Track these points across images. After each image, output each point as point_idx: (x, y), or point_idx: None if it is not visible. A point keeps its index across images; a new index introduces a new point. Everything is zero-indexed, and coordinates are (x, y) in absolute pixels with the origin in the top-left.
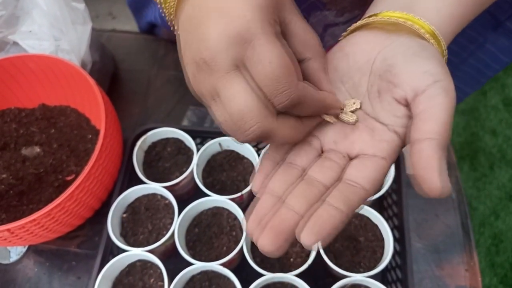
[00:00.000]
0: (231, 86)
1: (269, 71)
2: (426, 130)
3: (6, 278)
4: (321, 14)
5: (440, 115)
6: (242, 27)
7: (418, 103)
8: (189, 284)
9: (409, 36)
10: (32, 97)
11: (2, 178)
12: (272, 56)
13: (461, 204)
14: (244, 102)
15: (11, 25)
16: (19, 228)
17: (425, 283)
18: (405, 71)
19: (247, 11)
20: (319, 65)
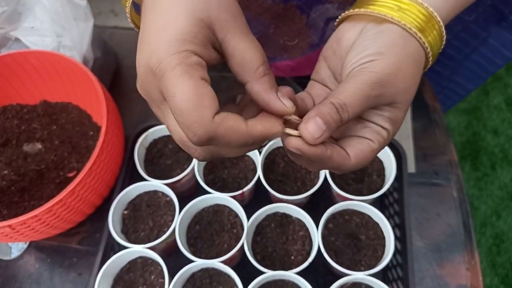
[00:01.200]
0: (164, 118)
1: (173, 105)
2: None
3: (7, 274)
4: (323, 7)
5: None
6: (155, 62)
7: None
8: (189, 281)
9: (390, 27)
10: (34, 94)
11: (4, 174)
12: (176, 90)
13: (463, 203)
14: (177, 135)
15: (13, 21)
16: (20, 224)
17: (426, 282)
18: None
19: (161, 44)
20: (259, 86)
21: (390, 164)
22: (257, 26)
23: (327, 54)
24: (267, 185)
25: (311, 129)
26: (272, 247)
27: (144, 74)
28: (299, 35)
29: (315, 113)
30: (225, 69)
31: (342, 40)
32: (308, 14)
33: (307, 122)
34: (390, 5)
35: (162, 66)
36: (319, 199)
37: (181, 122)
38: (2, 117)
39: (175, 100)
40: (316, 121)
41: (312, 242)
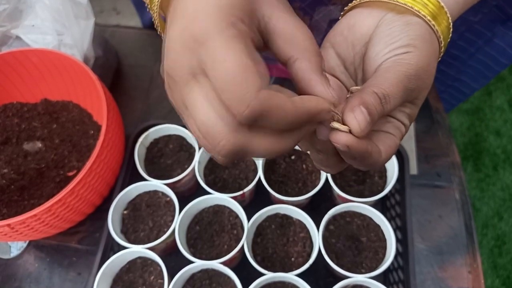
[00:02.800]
0: (191, 98)
1: (223, 72)
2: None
3: (6, 272)
4: (326, 9)
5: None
6: (196, 29)
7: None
8: (189, 282)
9: (410, 19)
10: (34, 92)
11: (4, 172)
12: (226, 55)
13: (465, 205)
14: (206, 115)
15: (14, 19)
16: (20, 223)
17: (428, 284)
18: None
19: (204, 11)
20: (308, 65)
21: (392, 166)
22: None
23: (336, 41)
24: (268, 186)
25: (360, 118)
26: (272, 248)
27: (181, 44)
28: None
29: (359, 101)
30: None
31: (356, 27)
32: (311, 16)
33: (354, 111)
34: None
35: (210, 29)
36: (320, 200)
37: (230, 91)
38: (2, 115)
39: (226, 65)
40: (362, 111)
41: (312, 244)
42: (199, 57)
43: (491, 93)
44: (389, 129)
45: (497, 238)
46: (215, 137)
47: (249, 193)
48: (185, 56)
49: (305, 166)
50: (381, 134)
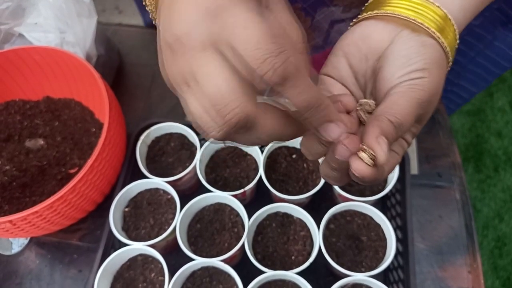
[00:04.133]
0: (207, 65)
1: (248, 35)
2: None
3: (7, 269)
4: (328, 10)
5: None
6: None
7: None
8: (189, 279)
9: (421, 38)
10: (36, 90)
11: (6, 169)
12: (248, 21)
13: (465, 206)
14: (224, 81)
15: (17, 16)
16: (21, 219)
17: (427, 284)
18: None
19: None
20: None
21: None
22: None
23: (349, 50)
24: (269, 184)
25: (384, 149)
26: (273, 247)
27: (200, 10)
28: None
29: (379, 131)
30: None
31: (371, 40)
32: (312, 17)
33: (379, 143)
34: (412, 8)
35: (226, 2)
36: (320, 199)
37: (254, 55)
38: (4, 113)
39: (249, 30)
40: (384, 141)
41: (313, 243)
42: (219, 24)
43: (492, 94)
44: (394, 148)
45: (498, 239)
46: (229, 104)
47: (250, 192)
48: (204, 23)
49: (306, 165)
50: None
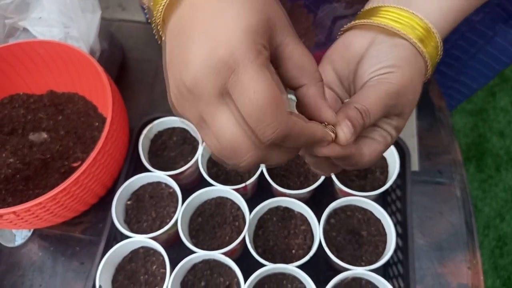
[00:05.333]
0: (217, 117)
1: (254, 102)
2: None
3: (10, 261)
4: (330, 6)
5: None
6: (226, 53)
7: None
8: (190, 272)
9: (397, 42)
10: (40, 83)
11: (9, 162)
12: (257, 85)
13: (466, 203)
14: (233, 136)
15: (21, 11)
16: (25, 211)
17: (427, 280)
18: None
19: (233, 36)
20: (316, 91)
21: (393, 162)
22: None
23: (334, 58)
24: (270, 179)
25: (346, 131)
26: (273, 240)
27: (209, 65)
28: (306, 34)
29: (344, 116)
30: None
31: (351, 47)
32: (315, 13)
33: (342, 125)
34: (393, 18)
35: (238, 57)
36: (321, 194)
37: (259, 119)
38: (8, 106)
39: (256, 96)
40: (348, 124)
41: (313, 237)
42: (228, 80)
43: (495, 94)
44: (375, 136)
45: (499, 239)
46: (241, 153)
47: (251, 186)
48: (214, 77)
49: None
50: (368, 139)
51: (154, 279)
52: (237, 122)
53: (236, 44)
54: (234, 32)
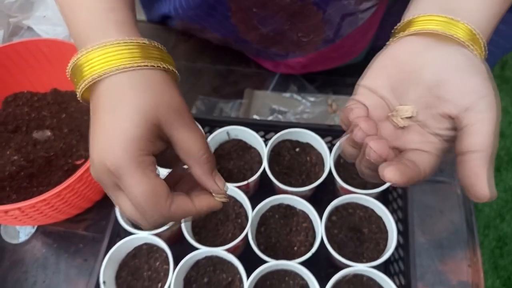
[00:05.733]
0: (117, 199)
1: (137, 201)
2: (472, 143)
3: (14, 257)
4: (340, 4)
5: (484, 129)
6: (111, 162)
7: (462, 119)
8: (193, 268)
9: (454, 47)
10: (44, 82)
11: (14, 159)
12: (138, 188)
13: (466, 201)
14: (131, 213)
15: (25, 10)
16: (30, 207)
17: (428, 277)
18: (452, 89)
19: (116, 146)
20: (201, 171)
21: None
22: (273, 23)
23: (386, 63)
24: (273, 177)
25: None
26: (275, 237)
27: (99, 168)
28: (314, 30)
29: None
30: (232, 63)
31: (404, 52)
32: (324, 10)
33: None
34: (440, 24)
35: (120, 169)
36: (322, 193)
37: (142, 213)
38: (13, 104)
39: (137, 199)
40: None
41: (315, 234)
42: (117, 182)
43: None
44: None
45: (499, 239)
46: (139, 223)
47: (253, 184)
48: (106, 177)
49: (309, 158)
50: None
51: (157, 275)
52: (131, 207)
53: (118, 156)
54: (117, 143)
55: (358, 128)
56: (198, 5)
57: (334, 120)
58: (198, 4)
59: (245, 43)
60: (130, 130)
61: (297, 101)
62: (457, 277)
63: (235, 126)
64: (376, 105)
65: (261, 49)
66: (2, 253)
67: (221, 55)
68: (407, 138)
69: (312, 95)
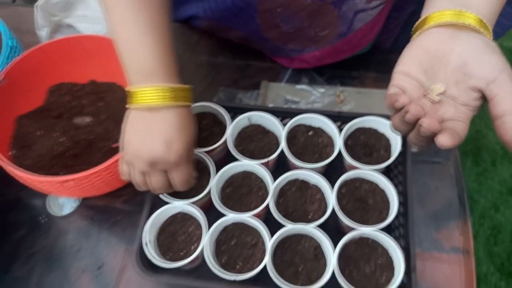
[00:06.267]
0: (153, 176)
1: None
2: (504, 109)
3: (60, 228)
4: (353, 2)
5: (510, 96)
6: (177, 154)
7: (491, 89)
8: (222, 233)
9: (472, 33)
10: (83, 74)
11: (61, 141)
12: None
13: (458, 180)
14: (162, 185)
15: (66, 9)
16: (84, 178)
17: (425, 244)
18: (477, 66)
19: (182, 148)
20: None
21: (395, 142)
22: (293, 21)
23: (417, 52)
24: (290, 155)
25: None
26: (292, 207)
27: (161, 152)
28: (329, 26)
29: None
30: (249, 58)
31: (433, 41)
32: (340, 8)
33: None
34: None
35: (182, 159)
36: (332, 170)
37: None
38: (56, 93)
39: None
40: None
41: (327, 205)
42: (170, 165)
43: None
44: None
45: (493, 227)
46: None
47: (272, 162)
48: (163, 159)
49: (321, 140)
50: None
51: (191, 239)
52: (164, 181)
53: (181, 151)
54: (183, 145)
55: (409, 113)
56: (228, 8)
57: (341, 108)
58: (228, 7)
59: (265, 41)
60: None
61: (308, 92)
62: (450, 243)
63: (256, 112)
64: (412, 87)
65: (279, 46)
66: (49, 225)
67: (239, 52)
68: (443, 110)
69: (322, 87)
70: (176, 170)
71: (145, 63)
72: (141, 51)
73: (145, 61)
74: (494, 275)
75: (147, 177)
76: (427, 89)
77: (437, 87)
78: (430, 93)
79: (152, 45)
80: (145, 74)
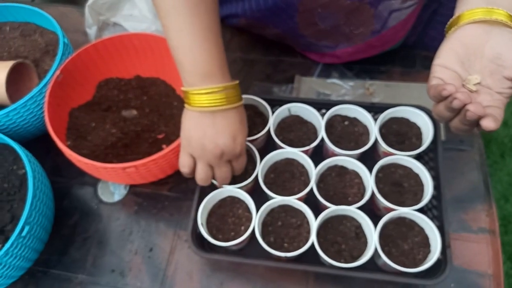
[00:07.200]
0: (222, 166)
1: (239, 169)
2: None
3: (111, 214)
4: (388, 2)
5: None
6: (241, 145)
7: None
8: (269, 215)
9: (503, 28)
10: (129, 70)
11: (113, 132)
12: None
13: (483, 166)
14: (225, 171)
15: (113, 9)
16: (143, 165)
17: (454, 225)
18: (510, 58)
19: (244, 140)
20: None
21: (427, 130)
22: (331, 20)
23: (454, 46)
24: (330, 142)
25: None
26: (333, 191)
27: (229, 145)
28: (364, 23)
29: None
30: (281, 54)
31: (469, 36)
32: (376, 7)
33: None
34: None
35: (244, 150)
36: (367, 157)
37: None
38: (105, 88)
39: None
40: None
41: (365, 188)
42: (232, 158)
43: None
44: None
45: (503, 218)
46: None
47: (312, 150)
48: (229, 149)
49: (357, 129)
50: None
51: (239, 221)
52: (229, 170)
53: (243, 143)
54: (242, 137)
55: (457, 99)
56: (269, 8)
57: (371, 100)
58: (269, 7)
59: (300, 37)
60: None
61: (338, 85)
62: (477, 224)
63: (296, 103)
64: (451, 77)
65: (313, 42)
66: (101, 211)
67: (271, 48)
68: (480, 98)
69: (351, 80)
70: (238, 159)
71: (203, 65)
72: (199, 54)
73: (203, 63)
74: (505, 264)
75: (215, 168)
76: (464, 80)
77: (473, 77)
78: (467, 83)
79: (210, 49)
80: (203, 75)
